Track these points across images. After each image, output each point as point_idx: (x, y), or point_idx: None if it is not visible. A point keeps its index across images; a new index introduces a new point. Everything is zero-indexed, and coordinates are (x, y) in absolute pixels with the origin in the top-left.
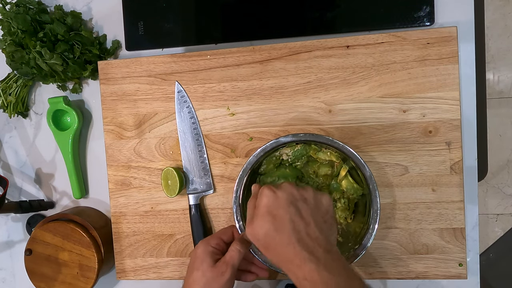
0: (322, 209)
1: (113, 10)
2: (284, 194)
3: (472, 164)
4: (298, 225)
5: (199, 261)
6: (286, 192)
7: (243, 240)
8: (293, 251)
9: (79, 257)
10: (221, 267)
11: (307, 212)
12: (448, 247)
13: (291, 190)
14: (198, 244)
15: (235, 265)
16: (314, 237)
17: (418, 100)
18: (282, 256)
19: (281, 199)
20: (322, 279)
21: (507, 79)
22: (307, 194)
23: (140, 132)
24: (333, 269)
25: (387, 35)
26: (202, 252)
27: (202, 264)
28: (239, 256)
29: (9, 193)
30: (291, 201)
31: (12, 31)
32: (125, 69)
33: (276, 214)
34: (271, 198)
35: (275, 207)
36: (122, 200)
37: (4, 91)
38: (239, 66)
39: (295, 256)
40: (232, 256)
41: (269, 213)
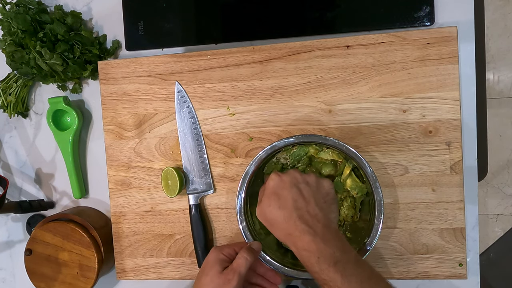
0: (323, 191)
1: (113, 10)
2: (288, 177)
3: (472, 164)
4: (300, 203)
5: (209, 266)
6: (290, 176)
7: (250, 248)
8: (294, 225)
9: (79, 257)
10: (228, 274)
11: (308, 193)
12: (448, 247)
13: (294, 174)
14: (211, 250)
15: (242, 273)
16: (313, 214)
17: (418, 100)
18: (285, 230)
19: (286, 182)
20: (318, 249)
21: (507, 79)
22: (309, 178)
23: (140, 132)
24: (329, 241)
25: (387, 35)
26: (213, 259)
27: (212, 270)
28: (246, 264)
29: (9, 193)
30: (294, 183)
31: (12, 31)
32: (125, 69)
33: (281, 194)
34: (277, 181)
35: (279, 188)
36: (122, 200)
37: (4, 91)
38: (239, 66)
39: (295, 229)
40: (239, 264)
41: (274, 193)
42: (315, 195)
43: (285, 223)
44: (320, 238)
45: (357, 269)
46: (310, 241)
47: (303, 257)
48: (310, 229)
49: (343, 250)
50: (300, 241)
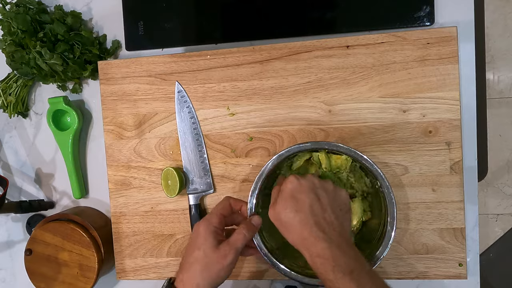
0: (339, 200)
1: (113, 10)
2: (307, 182)
3: (472, 164)
4: (316, 209)
5: (201, 239)
6: (309, 181)
7: (250, 224)
8: (309, 230)
9: (79, 257)
10: (224, 249)
11: (325, 200)
12: (448, 247)
13: (313, 180)
14: (200, 222)
15: (239, 249)
16: (329, 221)
17: (418, 100)
18: (299, 235)
19: (304, 186)
20: (333, 257)
21: (507, 79)
22: (327, 185)
23: (140, 132)
24: (343, 250)
25: (387, 35)
26: (204, 231)
27: (205, 243)
28: (244, 241)
29: (9, 193)
30: (312, 189)
31: (12, 31)
32: (125, 69)
33: (298, 198)
34: (295, 184)
35: (297, 192)
36: (122, 200)
37: (4, 91)
38: (239, 66)
39: (311, 234)
40: (238, 239)
41: (292, 197)
42: (332, 202)
43: (301, 227)
44: (335, 246)
45: (371, 279)
46: (325, 248)
47: (316, 264)
48: (325, 236)
49: (357, 259)
50: (315, 247)
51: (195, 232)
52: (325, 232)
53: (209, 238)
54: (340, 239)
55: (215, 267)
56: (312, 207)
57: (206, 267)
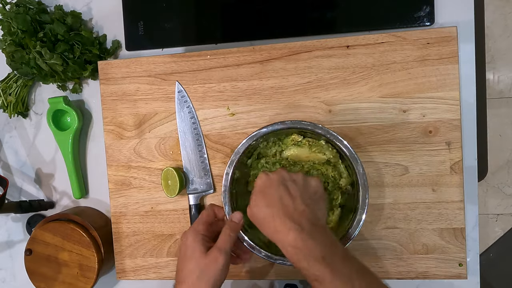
0: (310, 189)
1: (113, 10)
2: (275, 176)
3: (472, 164)
4: (286, 201)
5: (190, 250)
6: (278, 174)
7: (233, 223)
8: (280, 221)
9: (79, 257)
10: (214, 254)
11: (295, 190)
12: (448, 247)
13: (282, 173)
14: (186, 233)
15: (228, 250)
16: (300, 210)
17: (418, 100)
18: (272, 228)
19: (273, 180)
20: (305, 245)
21: (507, 79)
22: (296, 176)
23: (140, 132)
24: (316, 237)
25: (387, 35)
26: (193, 241)
27: (194, 253)
28: (231, 240)
29: (9, 193)
30: (281, 182)
31: (12, 31)
32: (125, 69)
33: (268, 192)
34: (264, 179)
35: (266, 187)
36: (122, 200)
37: (4, 91)
38: (239, 66)
39: (282, 226)
40: (224, 241)
41: (262, 192)
42: (302, 192)
43: (272, 220)
44: (306, 234)
45: (345, 262)
46: (296, 237)
47: (289, 253)
48: (296, 226)
49: (330, 245)
50: (286, 237)
51: (183, 244)
52: (295, 222)
53: (197, 247)
54: (312, 227)
55: (209, 273)
56: (282, 199)
57: (201, 274)
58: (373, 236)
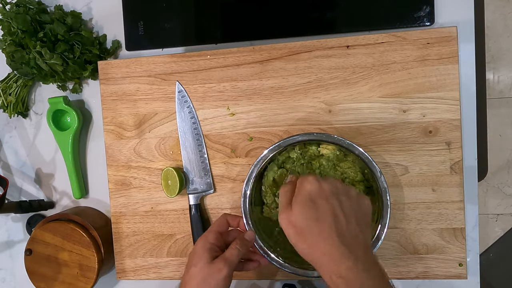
0: (363, 209)
1: (113, 10)
2: (329, 185)
3: (472, 164)
4: (340, 219)
5: (196, 257)
6: (331, 184)
7: (245, 240)
8: (331, 244)
9: (79, 257)
10: (219, 263)
11: (349, 209)
12: (448, 247)
13: (336, 184)
14: (197, 241)
15: (234, 263)
16: (354, 235)
17: (418, 100)
18: (319, 248)
19: (326, 190)
20: (359, 279)
21: (507, 79)
22: (351, 191)
23: (140, 132)
24: (371, 271)
25: (387, 35)
26: (200, 248)
27: (200, 260)
28: (239, 255)
29: (9, 193)
30: (335, 194)
31: (12, 31)
32: (125, 69)
33: (319, 203)
34: (315, 186)
35: (318, 196)
36: (122, 200)
37: (4, 91)
38: (239, 66)
39: (333, 249)
40: (232, 254)
41: (312, 201)
42: (356, 212)
43: (321, 239)
44: (361, 265)
45: None
46: (350, 267)
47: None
48: (350, 254)
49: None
50: (337, 265)
51: (193, 250)
52: (349, 248)
53: (204, 254)
54: (366, 256)
55: (211, 282)
56: (336, 216)
57: (202, 282)
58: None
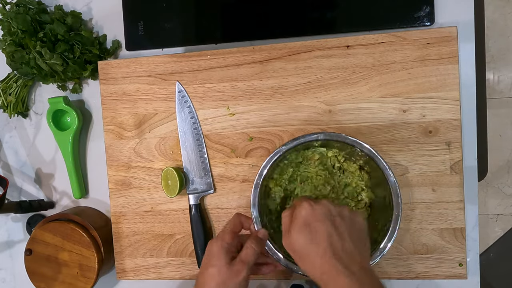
0: (357, 226)
1: (113, 10)
2: (322, 208)
3: (472, 164)
4: (334, 239)
5: (215, 258)
6: (324, 206)
7: (258, 238)
8: (328, 263)
9: (79, 257)
10: (237, 266)
11: (343, 228)
12: (448, 247)
13: (328, 206)
14: (213, 241)
15: (251, 263)
16: (349, 252)
17: (418, 100)
18: (317, 268)
19: (319, 213)
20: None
21: (507, 79)
22: (344, 211)
23: (140, 132)
24: (365, 284)
25: (387, 35)
26: (218, 249)
27: (219, 261)
28: (255, 254)
29: (9, 193)
30: (328, 216)
31: (12, 31)
32: (125, 69)
33: (314, 226)
34: (309, 211)
35: (312, 220)
36: (122, 200)
37: (4, 91)
38: (239, 66)
39: (330, 268)
40: (248, 254)
41: (306, 225)
42: (350, 230)
43: (318, 259)
44: (357, 282)
45: None
46: (346, 284)
47: None
48: (346, 270)
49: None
50: (335, 283)
51: (208, 251)
52: (345, 265)
53: (222, 256)
54: (361, 271)
55: (230, 284)
56: (330, 236)
57: (222, 284)
58: None
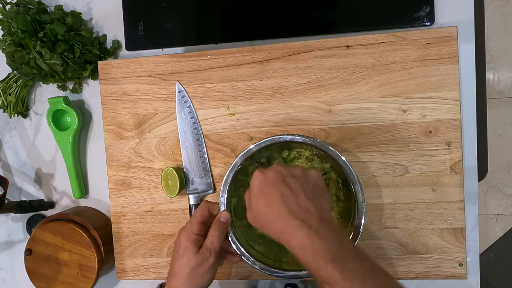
0: (311, 182)
1: (113, 10)
2: (272, 173)
3: (472, 164)
4: (288, 198)
5: (182, 248)
6: (274, 171)
7: (220, 223)
8: (284, 222)
9: (79, 257)
10: (204, 253)
11: (296, 185)
12: (448, 247)
13: (279, 169)
14: (180, 232)
15: (217, 249)
16: (305, 206)
17: (418, 100)
18: (277, 229)
19: (270, 178)
20: (313, 245)
21: (507, 79)
22: (295, 170)
23: (140, 132)
24: (325, 235)
25: (387, 35)
26: (185, 240)
27: (186, 251)
28: (219, 241)
29: (9, 193)
30: (280, 178)
31: (12, 31)
32: (125, 69)
33: (267, 191)
34: (261, 178)
35: (265, 185)
36: (122, 200)
37: (4, 91)
38: (239, 66)
39: (287, 226)
40: (213, 241)
41: (260, 192)
42: (304, 186)
43: (276, 221)
44: (314, 232)
45: (356, 263)
46: (304, 236)
47: (298, 256)
48: (303, 224)
49: (340, 243)
50: (293, 238)
51: (177, 242)
52: (302, 220)
53: (190, 246)
54: (319, 224)
55: (199, 271)
56: (283, 197)
57: (191, 272)
58: (373, 236)
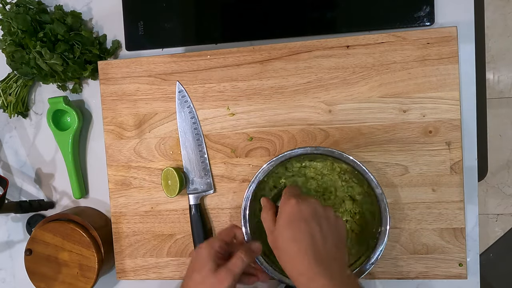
0: (340, 230)
1: (113, 10)
2: (308, 208)
3: (472, 164)
4: (317, 240)
5: (200, 263)
6: (310, 206)
7: (249, 250)
8: (307, 263)
9: (79, 257)
10: (222, 274)
11: (327, 230)
12: (448, 247)
13: (315, 205)
14: (202, 246)
15: (237, 274)
16: (331, 254)
17: (418, 100)
18: (296, 267)
19: (305, 212)
20: None
21: (507, 79)
22: (329, 212)
23: (140, 132)
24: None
25: (387, 35)
26: (206, 255)
27: (204, 267)
28: (243, 266)
29: (9, 193)
30: (314, 216)
31: (12, 31)
32: (125, 69)
33: (298, 225)
34: (295, 209)
35: (297, 218)
36: (122, 200)
37: (4, 91)
38: (239, 66)
39: (309, 269)
40: (236, 264)
41: (291, 223)
42: (334, 233)
43: (299, 259)
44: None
45: None
46: (325, 285)
47: None
48: (326, 271)
49: None
50: (314, 283)
51: (196, 255)
52: (325, 266)
53: (209, 262)
54: (342, 276)
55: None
56: (313, 237)
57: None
58: None
